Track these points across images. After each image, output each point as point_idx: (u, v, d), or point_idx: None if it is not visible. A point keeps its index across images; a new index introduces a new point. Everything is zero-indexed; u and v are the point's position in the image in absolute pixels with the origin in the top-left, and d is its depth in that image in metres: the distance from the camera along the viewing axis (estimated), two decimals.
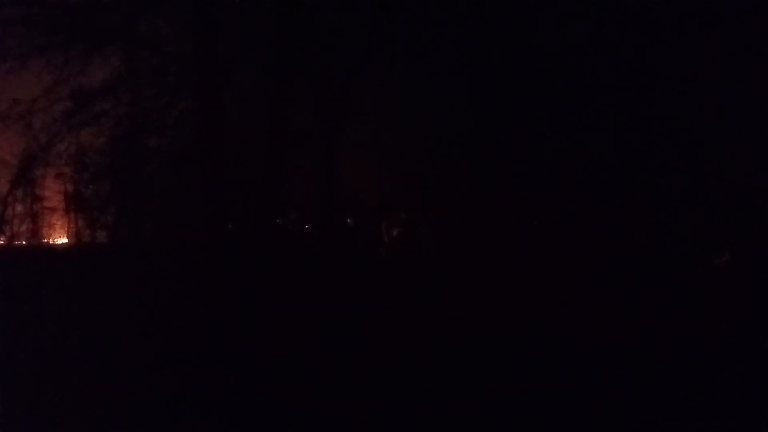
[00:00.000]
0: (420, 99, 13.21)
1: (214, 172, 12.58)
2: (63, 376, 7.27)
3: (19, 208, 16.82)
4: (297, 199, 14.73)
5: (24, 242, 17.32)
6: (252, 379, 7.28)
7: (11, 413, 6.08)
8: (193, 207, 13.85)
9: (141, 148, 14.80)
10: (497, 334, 9.01)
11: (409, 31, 12.62)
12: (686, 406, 6.20)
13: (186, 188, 14.04)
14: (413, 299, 11.59)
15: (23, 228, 17.26)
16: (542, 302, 10.14)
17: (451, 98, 12.90)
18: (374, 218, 15.01)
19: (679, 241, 12.14)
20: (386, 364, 7.81)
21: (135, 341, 8.95)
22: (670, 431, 5.81)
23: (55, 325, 9.94)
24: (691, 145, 11.61)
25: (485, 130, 12.18)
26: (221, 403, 6.44)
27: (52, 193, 16.79)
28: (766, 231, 11.64)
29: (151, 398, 6.58)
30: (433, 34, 12.52)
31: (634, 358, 7.65)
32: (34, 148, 14.67)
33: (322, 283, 12.38)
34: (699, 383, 6.73)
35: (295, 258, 14.09)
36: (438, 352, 8.26)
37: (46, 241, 17.63)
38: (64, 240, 17.94)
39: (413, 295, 11.97)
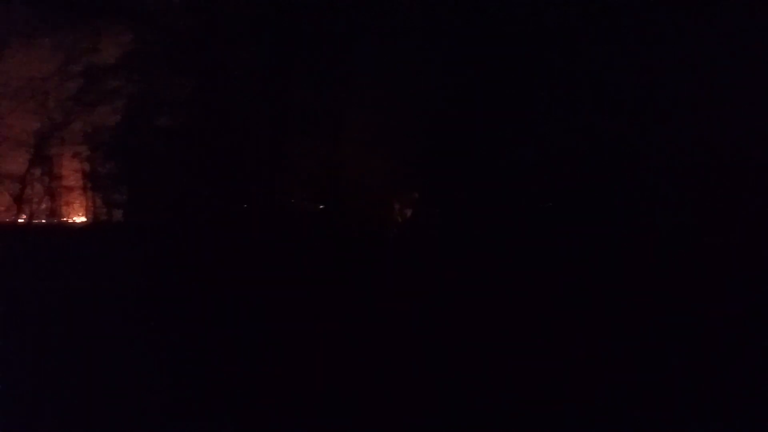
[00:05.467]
0: (430, 75, 12.99)
1: (224, 150, 12.59)
2: (80, 354, 7.39)
3: (37, 187, 16.99)
4: (310, 179, 14.65)
5: (44, 221, 17.56)
6: (264, 360, 7.28)
7: (28, 390, 6.20)
8: (204, 186, 13.87)
9: (151, 126, 14.82)
10: (509, 319, 8.91)
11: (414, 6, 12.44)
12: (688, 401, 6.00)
13: (197, 167, 14.05)
14: (425, 279, 11.52)
15: (42, 207, 17.47)
16: (548, 288, 10.00)
17: (461, 76, 12.72)
18: (385, 198, 14.87)
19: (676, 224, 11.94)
20: (398, 347, 7.75)
21: (149, 321, 9.07)
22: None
23: (73, 303, 10.11)
24: (683, 127, 11.46)
25: (491, 111, 12.11)
26: (239, 390, 6.37)
27: (69, 171, 16.91)
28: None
29: (164, 378, 6.62)
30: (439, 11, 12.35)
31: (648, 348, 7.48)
32: (49, 127, 14.84)
33: (333, 264, 12.37)
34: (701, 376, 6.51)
35: (307, 238, 14.08)
36: (450, 336, 8.18)
37: (64, 219, 17.81)
38: (82, 218, 18.11)
39: (425, 275, 11.89)
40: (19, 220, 17.02)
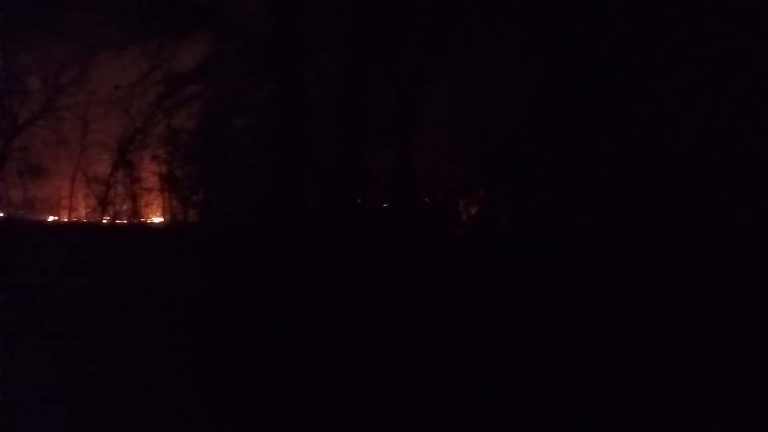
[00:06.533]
0: (496, 76, 13.02)
1: (296, 151, 12.95)
2: (156, 348, 7.66)
3: (119, 188, 17.90)
4: (375, 177, 14.87)
5: (125, 221, 18.46)
6: (336, 352, 7.39)
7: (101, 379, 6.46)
8: (276, 186, 14.31)
9: (228, 129, 15.42)
10: (577, 315, 8.80)
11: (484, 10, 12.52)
12: None
13: (270, 168, 14.49)
14: (492, 277, 11.48)
15: (124, 208, 18.37)
16: (621, 283, 9.80)
17: (528, 73, 12.70)
18: (452, 196, 14.92)
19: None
20: (466, 342, 7.79)
21: (225, 318, 9.35)
22: None
23: (150, 300, 10.55)
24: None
25: (560, 108, 12.04)
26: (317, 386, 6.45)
27: (149, 174, 17.78)
28: None
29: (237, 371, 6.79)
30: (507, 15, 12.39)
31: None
32: (132, 131, 15.74)
33: (401, 261, 12.49)
34: None
35: (374, 236, 14.25)
36: (519, 331, 8.14)
37: (144, 219, 18.65)
38: (160, 219, 18.92)
39: (492, 273, 11.85)
40: (104, 221, 17.99)
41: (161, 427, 5.36)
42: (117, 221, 18.12)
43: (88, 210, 18.41)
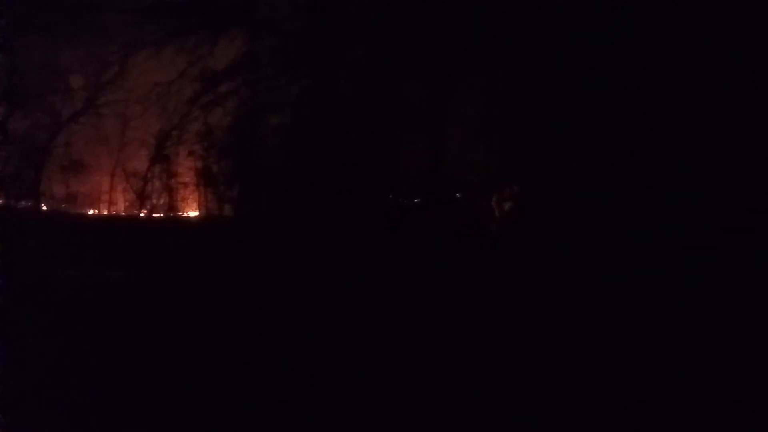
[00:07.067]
0: (529, 72, 12.91)
1: (328, 148, 13.06)
2: (192, 340, 7.80)
3: (157, 183, 18.33)
4: (407, 173, 14.91)
5: (162, 215, 18.88)
6: (367, 354, 7.44)
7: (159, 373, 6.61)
8: (309, 182, 14.48)
9: (262, 125, 15.65)
10: (609, 313, 8.72)
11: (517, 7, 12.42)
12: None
13: (303, 164, 14.66)
14: (524, 275, 11.43)
15: (161, 202, 18.81)
16: (652, 285, 9.65)
17: (562, 69, 12.56)
18: (484, 193, 14.88)
19: None
20: (498, 339, 7.78)
21: (258, 311, 9.49)
22: None
23: (185, 292, 10.76)
24: None
25: (593, 104, 11.89)
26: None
27: (185, 169, 18.15)
28: None
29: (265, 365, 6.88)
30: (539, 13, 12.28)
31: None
32: (169, 128, 16.09)
33: (432, 258, 12.51)
34: None
35: (406, 232, 14.28)
36: (551, 330, 8.10)
37: (180, 213, 19.04)
38: (196, 213, 19.29)
39: (524, 270, 11.79)
40: (141, 214, 18.44)
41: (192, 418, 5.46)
42: (154, 215, 18.56)
43: (127, 204, 18.90)
